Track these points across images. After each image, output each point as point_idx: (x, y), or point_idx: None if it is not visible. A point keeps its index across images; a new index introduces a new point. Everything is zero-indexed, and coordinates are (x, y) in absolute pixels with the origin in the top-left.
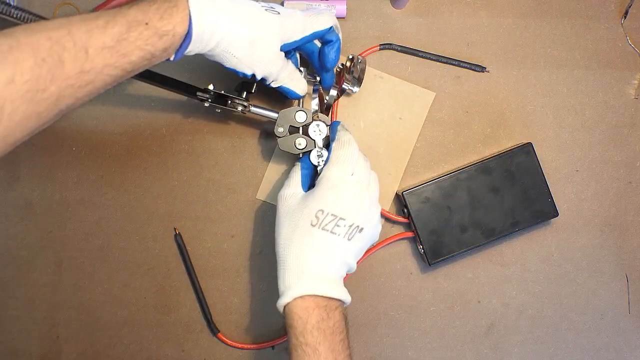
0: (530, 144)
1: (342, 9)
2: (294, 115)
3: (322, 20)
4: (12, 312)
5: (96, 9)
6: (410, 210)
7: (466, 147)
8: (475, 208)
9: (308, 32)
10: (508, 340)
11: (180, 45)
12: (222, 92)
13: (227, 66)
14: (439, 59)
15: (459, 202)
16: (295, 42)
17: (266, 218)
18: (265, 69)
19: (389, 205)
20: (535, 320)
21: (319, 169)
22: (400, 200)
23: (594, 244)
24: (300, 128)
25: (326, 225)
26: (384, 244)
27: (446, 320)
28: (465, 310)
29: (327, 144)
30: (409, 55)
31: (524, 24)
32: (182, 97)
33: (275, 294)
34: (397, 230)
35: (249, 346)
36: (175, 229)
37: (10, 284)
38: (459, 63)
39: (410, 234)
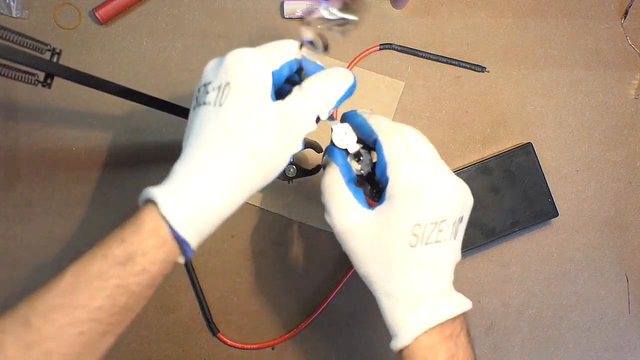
0: (530, 144)
1: None
2: None
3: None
4: None
5: (96, 9)
6: None
7: (466, 147)
8: (475, 208)
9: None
10: (508, 340)
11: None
12: None
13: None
14: (439, 59)
15: None
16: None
17: (266, 218)
18: (294, 148)
19: None
20: (535, 320)
21: (363, 174)
22: None
23: (594, 244)
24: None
25: (429, 238)
26: None
27: None
28: None
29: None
30: (409, 55)
31: (524, 24)
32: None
33: (275, 294)
34: None
35: (249, 346)
36: None
37: (10, 284)
38: (459, 63)
39: None
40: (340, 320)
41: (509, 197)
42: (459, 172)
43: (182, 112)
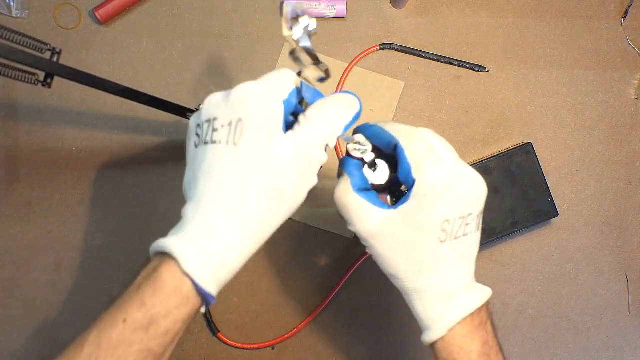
0: (530, 144)
1: (342, 9)
2: None
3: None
4: (12, 312)
5: (96, 9)
6: None
7: (466, 147)
8: None
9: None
10: (508, 340)
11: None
12: None
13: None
14: (439, 59)
15: None
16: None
17: None
18: (313, 175)
19: None
20: (535, 320)
21: (383, 182)
22: None
23: (594, 244)
24: None
25: (457, 232)
26: None
27: None
28: None
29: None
30: (409, 55)
31: (524, 24)
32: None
33: (275, 294)
34: None
35: (249, 346)
36: None
37: (10, 284)
38: (459, 63)
39: None
40: (341, 320)
41: (509, 197)
42: None
43: (182, 112)
